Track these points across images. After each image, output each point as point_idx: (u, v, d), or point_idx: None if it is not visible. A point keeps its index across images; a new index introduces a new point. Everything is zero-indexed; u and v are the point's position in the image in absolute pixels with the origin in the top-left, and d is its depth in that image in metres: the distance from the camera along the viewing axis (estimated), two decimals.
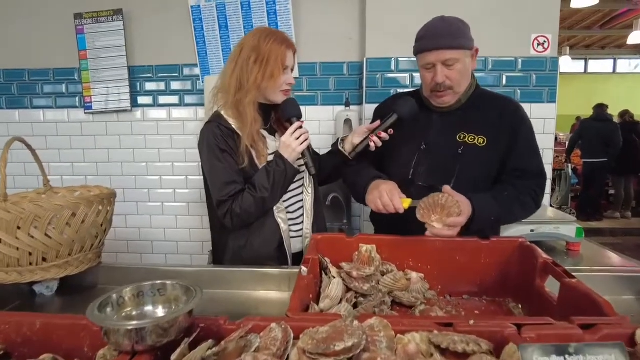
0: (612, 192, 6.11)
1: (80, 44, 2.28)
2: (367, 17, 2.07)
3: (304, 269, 0.97)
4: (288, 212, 1.37)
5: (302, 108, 2.20)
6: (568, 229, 1.48)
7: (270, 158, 1.30)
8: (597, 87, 10.08)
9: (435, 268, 1.13)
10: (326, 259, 1.14)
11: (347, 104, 2.18)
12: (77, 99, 2.38)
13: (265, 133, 1.35)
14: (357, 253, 1.18)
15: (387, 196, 1.14)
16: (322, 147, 1.75)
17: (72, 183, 2.40)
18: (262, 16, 2.13)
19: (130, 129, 2.38)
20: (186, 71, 2.31)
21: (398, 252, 1.16)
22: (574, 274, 0.90)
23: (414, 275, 1.10)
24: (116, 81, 2.30)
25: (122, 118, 2.38)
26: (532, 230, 1.50)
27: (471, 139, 1.27)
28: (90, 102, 2.33)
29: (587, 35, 8.62)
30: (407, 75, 2.10)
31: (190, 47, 2.26)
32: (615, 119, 5.86)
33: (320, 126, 2.28)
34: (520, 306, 1.05)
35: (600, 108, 5.62)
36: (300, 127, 1.29)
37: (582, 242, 1.51)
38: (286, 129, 1.29)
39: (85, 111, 2.37)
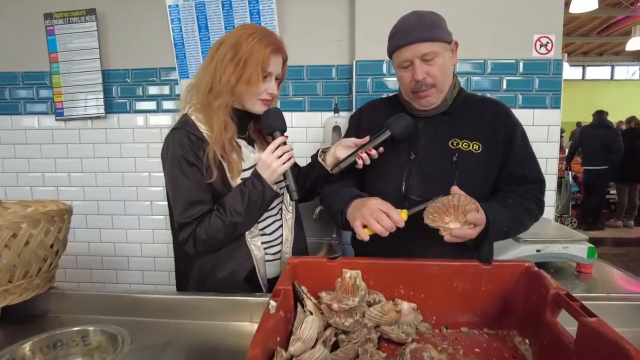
0: (613, 200, 6.03)
1: (50, 46, 2.15)
2: (357, 16, 1.96)
3: (272, 303, 0.82)
4: (264, 235, 1.21)
5: (288, 115, 2.10)
6: (579, 248, 1.33)
7: (247, 173, 1.14)
8: (595, 93, 10.11)
9: (430, 296, 1.01)
10: (302, 287, 1.00)
11: (336, 110, 2.05)
12: (47, 104, 2.25)
13: (242, 143, 1.20)
14: (339, 280, 1.05)
15: (379, 210, 0.99)
16: (309, 156, 1.60)
17: (42, 195, 2.31)
18: (244, 16, 2.01)
19: (104, 136, 2.25)
20: (164, 75, 2.18)
21: (387, 278, 1.04)
22: (588, 302, 0.78)
23: (405, 305, 0.98)
24: (89, 86, 2.17)
25: (95, 125, 2.24)
26: (537, 251, 1.34)
27: (465, 145, 1.14)
28: (62, 108, 2.20)
29: (585, 41, 8.62)
30: None
31: (168, 49, 2.12)
32: (619, 125, 5.79)
33: (307, 134, 2.15)
34: (527, 342, 0.92)
35: (601, 115, 5.56)
36: (284, 143, 1.13)
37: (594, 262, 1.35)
38: (267, 141, 1.14)
39: (57, 118, 2.23)
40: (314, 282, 1.04)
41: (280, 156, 1.10)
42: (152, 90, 2.20)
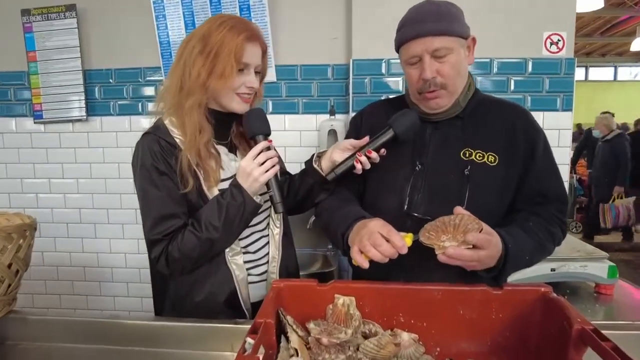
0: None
1: (28, 45, 2.04)
2: (354, 13, 1.86)
3: (248, 341, 0.70)
4: (247, 253, 1.09)
5: (281, 117, 2.00)
6: (598, 267, 1.20)
7: (227, 184, 1.02)
8: (598, 95, 10.05)
9: (433, 325, 0.92)
10: (288, 317, 0.89)
11: (332, 112, 1.97)
12: (25, 106, 2.14)
13: (222, 149, 1.07)
14: (331, 306, 0.95)
15: (378, 234, 0.86)
16: (303, 161, 1.49)
17: (20, 202, 2.18)
18: (233, 12, 1.90)
19: (86, 140, 2.14)
20: (149, 75, 2.07)
21: (385, 304, 0.94)
22: (613, 333, 0.72)
23: (404, 336, 0.89)
24: (70, 86, 2.05)
25: (77, 128, 2.13)
26: (552, 270, 1.21)
27: (479, 156, 1.01)
28: (41, 110, 2.08)
29: (588, 42, 8.55)
30: (399, 79, 1.87)
31: (153, 47, 2.01)
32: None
33: (301, 137, 2.03)
34: None
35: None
36: (268, 148, 1.00)
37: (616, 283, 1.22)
38: (251, 147, 1.01)
39: (35, 120, 2.12)
40: (303, 309, 0.95)
41: (263, 163, 0.98)
42: (136, 91, 2.10)
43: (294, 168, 1.25)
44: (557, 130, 1.80)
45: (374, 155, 1.00)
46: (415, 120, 1.00)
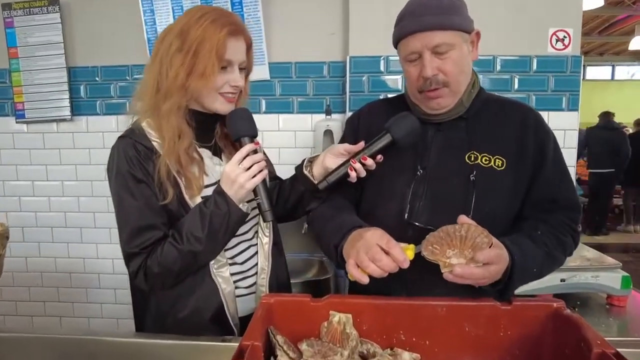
0: (619, 205, 5.96)
1: (9, 40, 1.96)
2: (351, 7, 1.81)
3: None
4: (234, 264, 1.01)
5: (274, 117, 1.92)
6: (611, 277, 1.13)
7: (211, 191, 0.94)
8: (596, 94, 10.06)
9: (436, 343, 0.86)
10: (278, 337, 0.83)
11: (328, 112, 1.90)
12: (7, 105, 2.07)
13: (205, 153, 0.99)
14: (326, 324, 0.89)
15: (377, 247, 0.79)
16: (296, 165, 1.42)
17: (2, 205, 2.07)
18: (225, 6, 1.82)
19: (71, 141, 2.06)
20: (136, 73, 1.99)
21: (384, 321, 0.88)
22: (628, 351, 0.66)
23: (406, 356, 0.85)
24: (53, 84, 1.98)
25: (61, 128, 2.06)
26: (562, 280, 1.14)
27: (486, 160, 0.93)
28: (23, 109, 2.01)
29: (586, 41, 8.54)
30: (399, 77, 1.82)
31: (140, 44, 1.94)
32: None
33: (296, 138, 1.97)
34: None
35: (607, 116, 5.49)
36: (255, 151, 0.92)
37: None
38: (237, 149, 0.93)
39: (17, 120, 2.04)
40: (294, 327, 0.89)
41: (249, 168, 0.90)
42: (124, 89, 2.03)
43: (288, 170, 1.17)
44: (563, 131, 1.75)
45: (369, 162, 0.92)
46: (415, 124, 0.93)
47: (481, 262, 0.76)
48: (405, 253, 0.79)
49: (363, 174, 0.93)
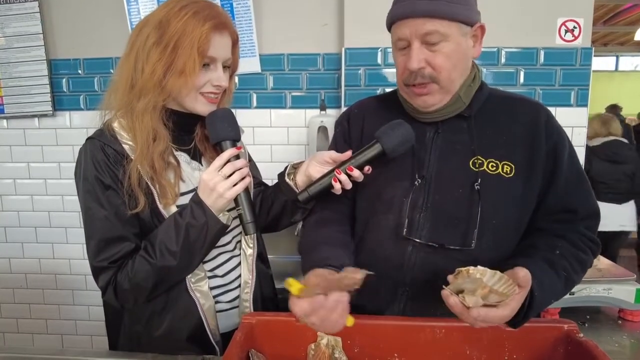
0: None
1: None
2: None
3: None
4: (215, 277, 0.93)
5: (266, 112, 1.82)
6: (624, 291, 1.04)
7: (186, 199, 0.85)
8: (599, 85, 9.92)
9: None
10: None
11: (323, 107, 1.83)
12: None
13: (183, 156, 0.91)
14: (313, 346, 0.82)
15: (317, 314, 0.67)
16: (288, 163, 1.31)
17: None
18: None
19: (54, 137, 1.96)
20: None
21: (377, 344, 0.82)
22: None
23: None
24: (33, 78, 1.87)
25: (43, 124, 1.96)
26: (571, 294, 1.05)
27: (492, 166, 0.83)
28: (2, 104, 1.90)
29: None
30: None
31: (124, 35, 1.76)
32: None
33: (289, 134, 1.87)
34: None
35: (614, 109, 5.34)
36: (237, 157, 0.84)
37: None
38: (218, 154, 0.85)
39: None
40: (279, 349, 0.82)
41: (230, 175, 0.81)
42: (109, 83, 1.90)
43: (281, 169, 1.07)
44: (571, 128, 1.66)
45: (356, 173, 0.83)
46: (408, 134, 0.83)
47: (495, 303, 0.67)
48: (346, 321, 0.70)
49: (348, 186, 0.84)
